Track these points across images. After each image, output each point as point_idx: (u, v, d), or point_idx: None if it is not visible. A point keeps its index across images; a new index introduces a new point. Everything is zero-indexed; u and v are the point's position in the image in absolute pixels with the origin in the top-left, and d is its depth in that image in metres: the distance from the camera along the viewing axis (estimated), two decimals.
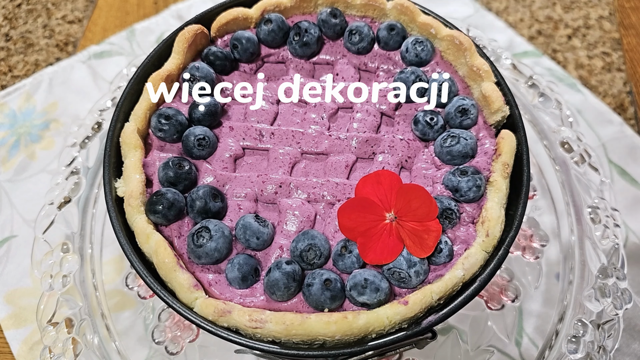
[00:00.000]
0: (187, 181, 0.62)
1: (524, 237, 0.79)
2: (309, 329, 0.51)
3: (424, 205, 0.55)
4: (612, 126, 0.97)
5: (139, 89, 0.68)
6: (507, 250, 0.57)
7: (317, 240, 0.56)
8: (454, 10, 1.15)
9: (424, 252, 0.55)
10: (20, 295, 0.80)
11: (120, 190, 0.61)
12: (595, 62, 1.08)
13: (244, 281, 0.56)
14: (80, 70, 1.06)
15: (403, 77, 0.69)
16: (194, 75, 0.69)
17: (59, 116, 0.99)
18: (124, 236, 0.58)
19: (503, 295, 0.74)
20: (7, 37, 1.14)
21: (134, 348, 0.72)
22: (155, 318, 0.73)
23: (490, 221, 0.57)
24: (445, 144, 0.64)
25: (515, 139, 0.64)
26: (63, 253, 0.75)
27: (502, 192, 0.60)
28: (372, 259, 0.55)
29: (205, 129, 0.65)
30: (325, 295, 0.53)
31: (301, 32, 0.72)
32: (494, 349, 0.72)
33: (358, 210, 0.55)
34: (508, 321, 0.73)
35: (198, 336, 0.71)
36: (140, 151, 0.63)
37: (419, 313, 0.53)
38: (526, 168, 0.62)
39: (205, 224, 0.57)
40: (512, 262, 0.77)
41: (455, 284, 0.54)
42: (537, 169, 0.87)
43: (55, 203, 0.79)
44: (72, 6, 1.20)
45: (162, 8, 1.17)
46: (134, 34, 1.11)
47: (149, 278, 0.56)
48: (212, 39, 0.75)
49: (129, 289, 0.75)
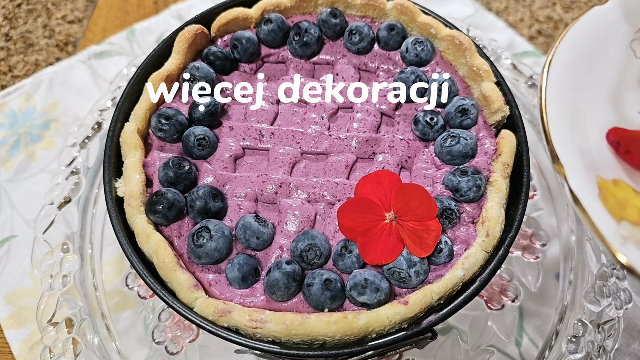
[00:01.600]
0: (187, 181, 0.62)
1: (524, 237, 0.79)
2: (309, 329, 0.51)
3: (423, 204, 0.55)
4: None
5: (139, 89, 0.68)
6: (507, 250, 0.57)
7: (317, 240, 0.56)
8: (454, 10, 1.15)
9: (424, 252, 0.55)
10: (21, 295, 0.80)
11: (120, 190, 0.61)
12: None
13: (244, 281, 0.56)
14: (81, 70, 1.05)
15: (403, 77, 0.69)
16: (194, 75, 0.69)
17: (59, 116, 0.99)
18: (124, 236, 0.58)
19: (503, 295, 0.74)
20: (7, 37, 1.14)
21: (134, 348, 0.72)
22: (155, 318, 0.73)
23: (491, 221, 0.57)
24: (446, 144, 0.64)
25: (516, 139, 0.64)
26: (63, 253, 0.75)
27: (502, 192, 0.60)
28: (372, 259, 0.55)
29: (205, 129, 0.65)
30: (325, 295, 0.53)
31: (301, 32, 0.72)
32: (494, 349, 0.72)
33: (358, 210, 0.55)
34: (508, 321, 0.73)
35: (198, 336, 0.71)
36: (141, 151, 0.63)
37: (419, 313, 0.53)
38: (526, 168, 0.62)
39: (205, 224, 0.57)
40: (512, 262, 0.77)
41: (455, 284, 0.54)
42: (537, 169, 0.87)
43: (56, 203, 0.79)
44: (72, 6, 1.20)
45: (162, 8, 1.17)
46: (134, 34, 1.11)
47: (149, 278, 0.56)
48: (212, 39, 0.75)
49: (129, 289, 0.75)
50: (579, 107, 0.51)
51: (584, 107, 0.52)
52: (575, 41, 0.53)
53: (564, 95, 0.50)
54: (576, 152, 0.48)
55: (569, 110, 0.50)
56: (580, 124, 0.50)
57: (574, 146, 0.48)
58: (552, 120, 0.48)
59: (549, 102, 0.49)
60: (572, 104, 0.51)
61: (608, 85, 0.54)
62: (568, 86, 0.51)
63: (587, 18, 0.54)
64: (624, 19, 0.55)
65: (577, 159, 0.47)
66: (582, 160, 0.47)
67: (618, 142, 0.50)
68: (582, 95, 0.52)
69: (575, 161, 0.47)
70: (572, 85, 0.52)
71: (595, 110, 0.52)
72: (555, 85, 0.50)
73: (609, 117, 0.53)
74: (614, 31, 0.55)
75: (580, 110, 0.51)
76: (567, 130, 0.48)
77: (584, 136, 0.50)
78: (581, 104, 0.51)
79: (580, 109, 0.51)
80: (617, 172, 0.49)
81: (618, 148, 0.50)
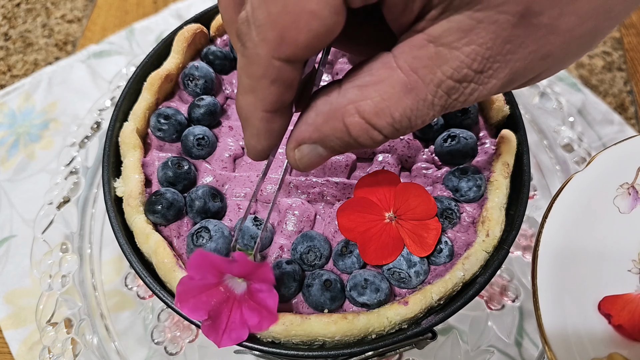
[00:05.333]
0: (187, 181, 0.62)
1: (525, 237, 0.79)
2: (309, 329, 0.51)
3: (422, 203, 0.55)
4: (613, 126, 0.96)
5: (138, 88, 0.68)
6: (508, 251, 0.57)
7: (316, 241, 0.56)
8: None
9: (424, 251, 0.54)
10: (20, 295, 0.80)
11: (119, 190, 0.61)
12: (596, 62, 1.07)
13: None
14: (80, 69, 1.05)
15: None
16: (193, 75, 0.69)
17: (59, 116, 0.99)
18: (123, 236, 0.58)
19: (503, 296, 0.74)
20: (6, 36, 1.14)
21: (133, 348, 0.72)
22: (154, 318, 0.72)
23: (491, 221, 0.57)
24: (446, 144, 0.64)
25: (516, 139, 0.64)
26: (62, 253, 0.75)
27: (502, 192, 0.60)
28: (372, 259, 0.54)
29: (204, 129, 0.65)
30: (325, 296, 0.53)
31: None
32: (494, 349, 0.71)
33: (357, 210, 0.55)
34: (508, 321, 0.73)
35: (197, 336, 0.71)
36: (140, 151, 0.63)
37: (419, 313, 0.53)
38: (526, 168, 0.62)
39: (204, 224, 0.57)
40: (513, 262, 0.77)
41: (455, 284, 0.54)
42: (538, 169, 0.86)
43: (55, 203, 0.79)
44: (72, 5, 1.20)
45: (161, 7, 1.17)
46: (133, 33, 1.11)
47: (148, 278, 0.56)
48: (212, 38, 0.75)
49: (128, 289, 0.75)
50: (573, 284, 0.53)
51: (578, 281, 0.54)
52: (562, 215, 0.56)
53: (556, 278, 0.53)
54: (568, 339, 0.50)
55: (562, 291, 0.52)
56: (575, 300, 0.52)
57: (566, 332, 0.50)
58: (544, 308, 0.51)
59: (540, 289, 0.52)
60: (565, 284, 0.53)
61: (600, 250, 0.56)
62: (559, 266, 0.53)
63: (570, 187, 0.58)
64: (604, 178, 0.58)
65: (569, 345, 0.49)
66: (574, 345, 0.50)
67: (609, 314, 0.52)
68: (575, 269, 0.54)
69: (567, 348, 0.49)
70: (563, 264, 0.54)
71: (590, 280, 0.54)
72: (546, 270, 0.53)
73: (603, 282, 0.54)
74: (596, 193, 0.58)
75: (574, 286, 0.53)
76: (560, 316, 0.51)
77: (578, 313, 0.52)
78: (575, 280, 0.53)
79: (574, 286, 0.53)
80: (613, 344, 0.51)
81: (610, 320, 0.52)
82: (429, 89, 0.37)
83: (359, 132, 0.39)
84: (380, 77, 0.37)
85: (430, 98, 0.37)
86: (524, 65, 0.36)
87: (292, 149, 0.43)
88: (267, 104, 0.38)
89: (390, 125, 0.38)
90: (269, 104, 0.38)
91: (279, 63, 0.35)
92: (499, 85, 0.37)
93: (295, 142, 0.42)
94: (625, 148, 0.59)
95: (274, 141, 0.42)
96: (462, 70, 0.36)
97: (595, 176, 0.58)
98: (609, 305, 0.52)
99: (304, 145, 0.42)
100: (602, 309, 0.52)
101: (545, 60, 0.37)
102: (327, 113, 0.39)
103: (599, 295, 0.53)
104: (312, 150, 0.42)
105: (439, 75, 0.36)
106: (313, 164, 0.43)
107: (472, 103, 0.39)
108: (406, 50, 0.37)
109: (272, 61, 0.35)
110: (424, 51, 0.36)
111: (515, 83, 0.38)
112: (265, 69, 0.35)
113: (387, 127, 0.38)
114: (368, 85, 0.38)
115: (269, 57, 0.35)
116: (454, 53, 0.35)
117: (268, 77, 0.36)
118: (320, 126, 0.40)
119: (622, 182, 0.58)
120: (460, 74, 0.36)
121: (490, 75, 0.36)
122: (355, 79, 0.39)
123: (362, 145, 0.40)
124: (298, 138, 0.42)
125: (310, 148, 0.42)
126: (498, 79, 0.37)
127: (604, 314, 0.52)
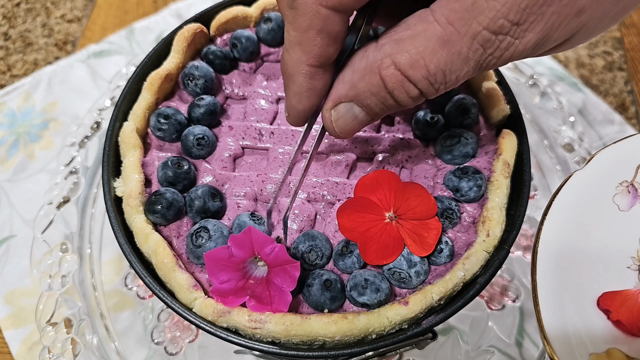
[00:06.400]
0: (186, 181, 0.61)
1: (525, 237, 0.79)
2: (309, 329, 0.50)
3: (422, 203, 0.54)
4: (613, 126, 0.96)
5: (138, 88, 0.68)
6: (508, 251, 0.57)
7: (318, 241, 0.56)
8: None
9: (424, 251, 0.54)
10: (20, 295, 0.80)
11: (119, 190, 0.61)
12: (597, 62, 1.07)
13: None
14: (80, 69, 1.05)
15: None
16: (193, 75, 0.69)
17: (58, 116, 0.99)
18: (123, 236, 0.58)
19: (504, 296, 0.74)
20: (5, 36, 1.14)
21: (133, 348, 0.72)
22: (154, 318, 0.72)
23: (491, 221, 0.57)
24: (446, 144, 0.64)
25: (517, 139, 0.63)
26: (62, 253, 0.75)
27: (503, 192, 0.59)
28: (372, 259, 0.54)
29: (204, 129, 0.65)
30: (325, 296, 0.53)
31: None
32: (495, 349, 0.71)
33: (357, 210, 0.55)
34: (509, 321, 0.73)
35: (197, 337, 0.71)
36: (139, 151, 0.63)
37: (419, 313, 0.52)
38: (527, 168, 0.62)
39: (204, 224, 0.57)
40: (513, 262, 0.77)
41: (455, 284, 0.54)
42: (538, 169, 0.86)
43: (54, 203, 0.79)
44: (71, 5, 1.20)
45: (161, 7, 1.17)
46: (133, 33, 1.11)
47: (148, 278, 0.56)
48: (212, 38, 0.75)
49: (128, 289, 0.75)
50: (572, 281, 0.53)
51: (578, 278, 0.54)
52: (562, 212, 0.56)
53: (556, 274, 0.53)
54: (567, 335, 0.50)
55: (561, 288, 0.52)
56: (574, 297, 0.53)
57: (566, 329, 0.51)
58: (544, 304, 0.51)
59: (539, 286, 0.52)
60: (564, 282, 0.53)
61: (600, 247, 0.56)
62: (559, 263, 0.54)
63: (569, 185, 0.57)
64: (604, 176, 0.58)
65: (569, 342, 0.50)
66: (573, 341, 0.50)
67: (608, 310, 0.52)
68: (574, 266, 0.54)
69: (566, 344, 0.49)
70: (563, 261, 0.54)
71: (589, 277, 0.54)
72: (546, 267, 0.53)
73: (602, 279, 0.54)
74: (596, 191, 0.58)
75: (573, 283, 0.53)
76: (559, 312, 0.51)
77: (577, 309, 0.52)
78: (574, 277, 0.54)
79: (573, 283, 0.53)
80: (612, 340, 0.51)
81: (609, 315, 0.52)
82: (464, 41, 0.37)
83: (395, 84, 0.39)
84: (417, 30, 0.38)
85: (466, 51, 0.37)
86: (559, 19, 0.36)
87: (328, 109, 0.43)
88: (312, 57, 0.39)
89: (425, 78, 0.38)
90: (314, 57, 0.39)
91: (325, 11, 0.36)
92: (534, 40, 0.37)
93: (332, 102, 0.43)
94: (624, 146, 0.59)
95: (315, 100, 0.43)
96: (499, 21, 0.36)
97: (594, 174, 0.58)
98: (608, 301, 0.52)
99: (340, 104, 0.42)
100: (601, 305, 0.52)
101: (579, 16, 0.36)
102: (363, 69, 0.40)
103: (598, 291, 0.53)
104: (348, 111, 0.42)
105: (475, 26, 0.36)
106: (349, 128, 0.44)
107: (506, 61, 0.38)
108: (443, 3, 0.37)
109: (319, 9, 0.36)
110: (461, 3, 0.36)
111: (549, 43, 0.38)
112: (312, 19, 0.37)
113: (422, 80, 0.38)
114: (405, 39, 0.38)
115: (316, 5, 0.36)
116: (490, 3, 0.35)
117: (314, 27, 0.37)
118: (357, 82, 0.40)
119: (622, 180, 0.58)
120: (496, 24, 0.36)
121: (526, 28, 0.36)
122: (392, 33, 0.39)
123: (399, 102, 0.40)
124: (334, 97, 0.42)
125: (346, 108, 0.42)
126: (534, 32, 0.37)
127: (603, 310, 0.52)
